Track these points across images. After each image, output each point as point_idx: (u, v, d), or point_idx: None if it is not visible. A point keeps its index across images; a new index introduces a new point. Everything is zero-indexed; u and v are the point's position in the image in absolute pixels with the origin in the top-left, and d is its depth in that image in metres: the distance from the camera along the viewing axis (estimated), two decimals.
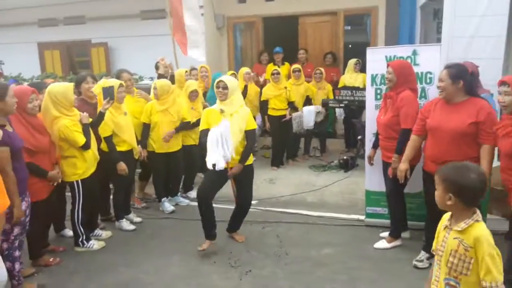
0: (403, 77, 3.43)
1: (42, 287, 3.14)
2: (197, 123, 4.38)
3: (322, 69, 6.73)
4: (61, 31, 8.83)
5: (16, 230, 2.91)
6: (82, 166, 3.52)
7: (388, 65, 3.48)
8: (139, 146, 4.35)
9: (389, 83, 3.45)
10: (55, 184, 3.38)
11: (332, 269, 3.30)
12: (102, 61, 8.50)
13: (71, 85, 3.52)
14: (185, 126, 4.73)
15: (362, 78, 6.56)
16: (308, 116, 6.31)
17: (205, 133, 3.44)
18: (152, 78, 6.42)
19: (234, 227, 3.92)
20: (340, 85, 6.70)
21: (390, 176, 3.43)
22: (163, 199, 4.74)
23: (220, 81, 3.47)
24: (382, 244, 3.65)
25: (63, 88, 3.42)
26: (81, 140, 3.43)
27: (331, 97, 6.52)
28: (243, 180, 3.67)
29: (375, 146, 3.83)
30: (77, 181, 3.52)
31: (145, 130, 4.52)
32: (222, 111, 3.44)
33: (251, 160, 3.66)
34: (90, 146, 3.53)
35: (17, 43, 9.00)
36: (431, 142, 3.10)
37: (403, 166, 3.28)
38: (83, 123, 3.51)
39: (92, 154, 3.61)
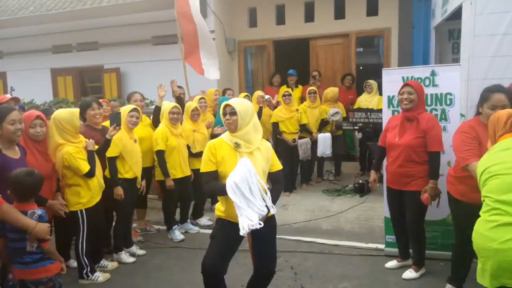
0: (422, 98, 3.32)
1: None
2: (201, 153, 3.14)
3: (336, 89, 6.64)
4: (74, 57, 8.93)
5: None
6: (86, 195, 3.39)
7: (407, 84, 3.30)
8: (143, 181, 4.25)
9: (409, 104, 3.25)
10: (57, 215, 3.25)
11: None
12: (114, 86, 8.53)
13: (76, 111, 3.44)
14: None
15: (378, 100, 6.42)
16: (324, 142, 6.15)
17: (211, 177, 2.51)
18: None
19: None
20: (355, 107, 6.57)
21: (426, 204, 3.20)
22: (174, 227, 4.57)
23: (227, 105, 2.53)
24: (410, 274, 3.42)
25: (68, 114, 3.34)
26: (85, 167, 3.31)
27: (344, 115, 6.41)
28: (264, 236, 2.61)
29: (377, 168, 3.67)
30: (81, 211, 3.38)
31: (162, 158, 4.34)
32: (237, 146, 2.49)
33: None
34: (95, 174, 3.41)
35: (31, 69, 9.13)
36: None
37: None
38: (88, 150, 3.41)
39: (97, 182, 3.49)
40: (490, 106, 2.69)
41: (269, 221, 2.52)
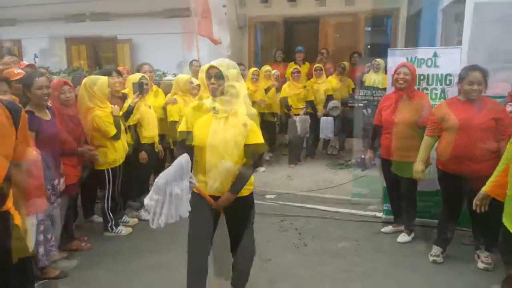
0: (415, 79, 3.64)
1: (65, 274, 3.19)
2: None
3: (346, 63, 6.89)
4: (88, 27, 9.11)
5: (39, 216, 2.98)
6: (112, 156, 3.72)
7: (404, 65, 3.60)
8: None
9: (404, 84, 3.56)
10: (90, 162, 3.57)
11: (349, 261, 3.43)
12: (126, 57, 8.74)
13: (105, 79, 3.72)
14: None
15: (382, 78, 6.64)
16: (326, 126, 6.41)
17: (182, 137, 2.43)
18: (175, 75, 6.60)
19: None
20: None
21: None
22: None
23: (212, 67, 2.29)
24: (404, 238, 3.78)
25: (98, 81, 3.62)
26: (112, 130, 3.63)
27: (350, 91, 6.72)
28: (236, 219, 2.49)
29: (372, 147, 3.98)
30: (107, 170, 3.72)
31: (176, 128, 4.56)
32: (215, 110, 2.33)
33: (249, 188, 2.47)
34: (120, 137, 3.73)
35: (45, 37, 9.31)
36: (454, 140, 3.11)
37: (420, 167, 3.40)
38: (114, 115, 3.72)
39: (122, 145, 3.81)
40: (468, 82, 3.06)
41: (241, 202, 2.42)
